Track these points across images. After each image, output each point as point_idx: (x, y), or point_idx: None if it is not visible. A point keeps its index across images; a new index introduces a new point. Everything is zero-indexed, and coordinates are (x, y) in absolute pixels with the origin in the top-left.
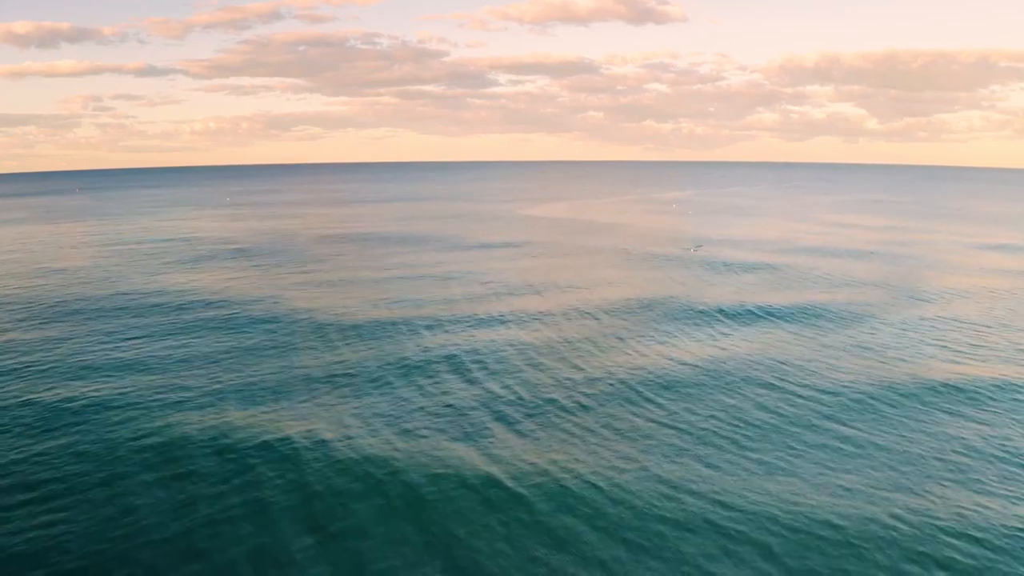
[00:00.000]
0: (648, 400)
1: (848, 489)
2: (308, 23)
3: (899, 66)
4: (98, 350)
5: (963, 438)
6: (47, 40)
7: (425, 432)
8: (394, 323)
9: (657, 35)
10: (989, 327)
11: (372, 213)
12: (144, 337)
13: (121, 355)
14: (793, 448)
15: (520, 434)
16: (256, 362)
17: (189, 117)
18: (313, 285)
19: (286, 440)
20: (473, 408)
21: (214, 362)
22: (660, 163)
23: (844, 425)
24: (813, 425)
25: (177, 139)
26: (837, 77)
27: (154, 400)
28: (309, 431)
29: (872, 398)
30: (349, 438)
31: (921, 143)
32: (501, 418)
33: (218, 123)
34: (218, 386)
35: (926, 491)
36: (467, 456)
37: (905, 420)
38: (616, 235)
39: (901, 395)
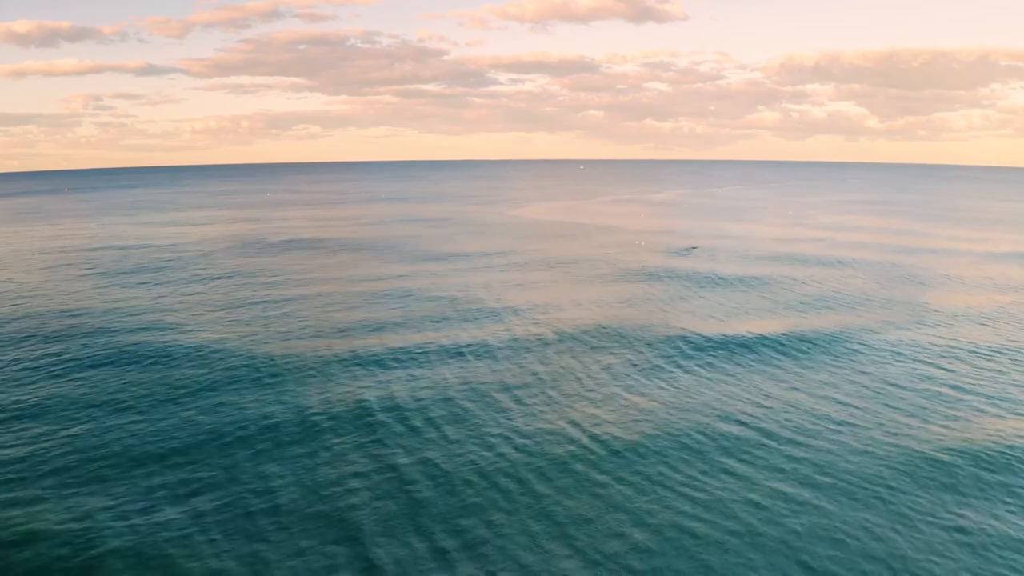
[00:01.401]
0: (599, 464)
1: None
2: (308, 22)
3: (899, 65)
4: None
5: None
6: (47, 39)
7: (295, 535)
8: (317, 356)
9: (657, 34)
10: (1003, 358)
11: (352, 215)
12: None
13: None
14: (785, 557)
15: (423, 532)
16: (128, 414)
17: (189, 116)
18: (245, 305)
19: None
20: (371, 487)
21: (61, 412)
22: (660, 162)
23: (846, 504)
24: (811, 512)
25: (177, 138)
26: (837, 76)
27: None
28: (141, 539)
29: (874, 460)
30: (187, 546)
31: (921, 142)
32: (403, 503)
33: (218, 122)
34: (48, 455)
35: None
36: None
37: (913, 498)
38: (601, 239)
39: (906, 454)
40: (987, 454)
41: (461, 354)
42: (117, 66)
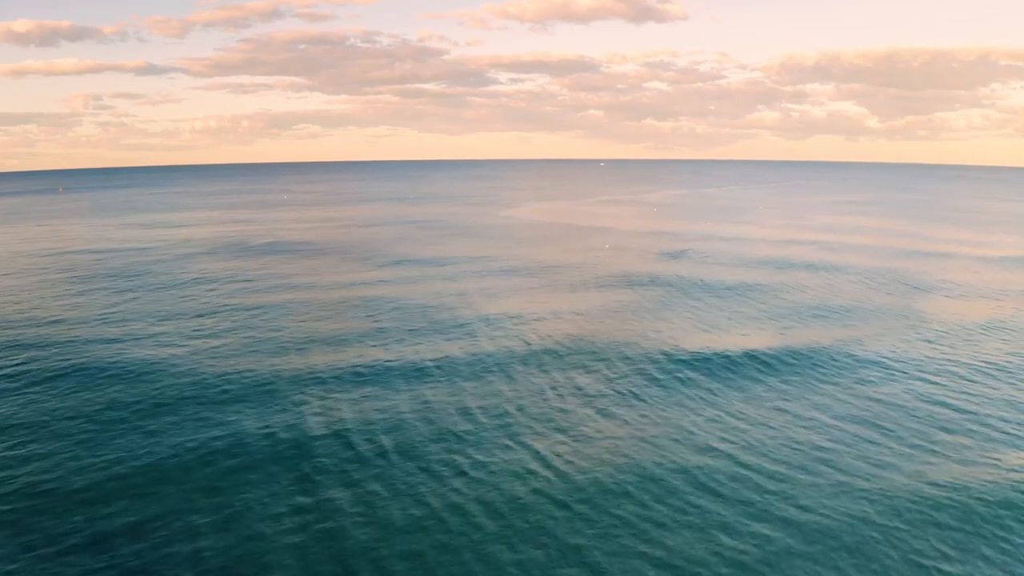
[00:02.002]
0: (558, 500)
1: None
2: (308, 21)
3: (899, 64)
4: None
5: None
6: (47, 39)
7: None
8: (269, 373)
9: (657, 34)
10: (1007, 376)
11: (340, 216)
12: None
13: None
14: None
15: None
16: (49, 441)
17: (189, 115)
18: (203, 315)
19: None
20: (304, 526)
21: None
22: (660, 161)
23: (826, 548)
24: (788, 558)
25: (178, 137)
26: (837, 75)
27: None
28: None
29: (861, 495)
30: None
31: (921, 141)
32: (337, 546)
33: (218, 121)
34: None
35: None
36: None
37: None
38: (588, 242)
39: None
40: (985, 489)
41: (424, 371)
42: (117, 66)
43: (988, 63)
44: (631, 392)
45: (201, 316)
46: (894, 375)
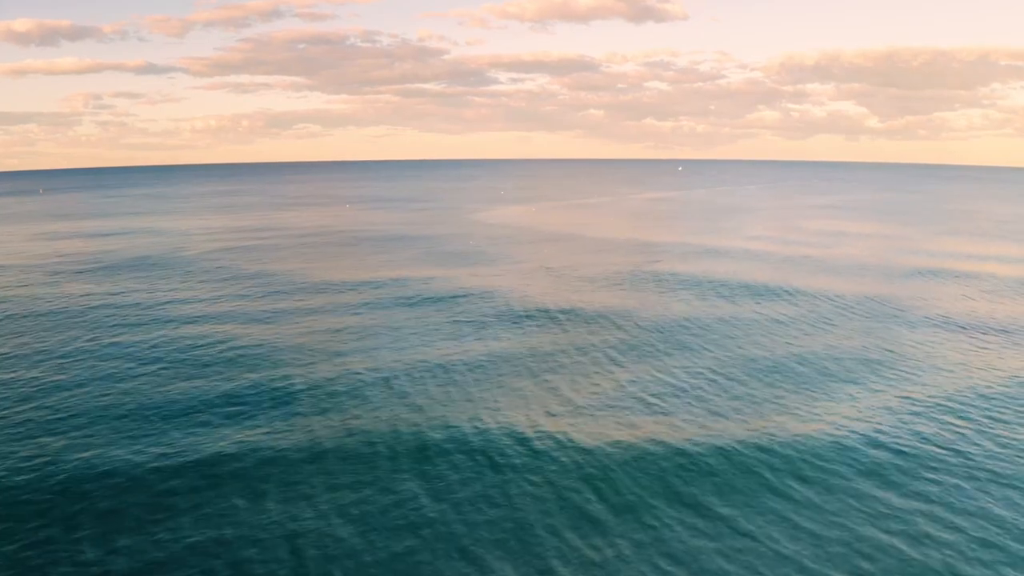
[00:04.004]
0: None
1: None
2: (308, 21)
3: (899, 64)
4: None
5: None
6: (47, 38)
7: None
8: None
9: (657, 33)
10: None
11: (290, 224)
12: None
13: None
14: None
15: None
16: None
17: (189, 115)
18: (29, 365)
19: None
20: None
21: None
22: (660, 161)
23: None
24: None
25: (178, 137)
26: (837, 75)
27: None
28: None
29: None
30: None
31: (922, 141)
32: None
33: (218, 121)
34: None
35: None
36: None
37: None
38: (546, 252)
39: None
40: None
41: (207, 470)
42: (117, 65)
43: (988, 63)
44: (490, 511)
45: (46, 363)
46: (874, 475)
